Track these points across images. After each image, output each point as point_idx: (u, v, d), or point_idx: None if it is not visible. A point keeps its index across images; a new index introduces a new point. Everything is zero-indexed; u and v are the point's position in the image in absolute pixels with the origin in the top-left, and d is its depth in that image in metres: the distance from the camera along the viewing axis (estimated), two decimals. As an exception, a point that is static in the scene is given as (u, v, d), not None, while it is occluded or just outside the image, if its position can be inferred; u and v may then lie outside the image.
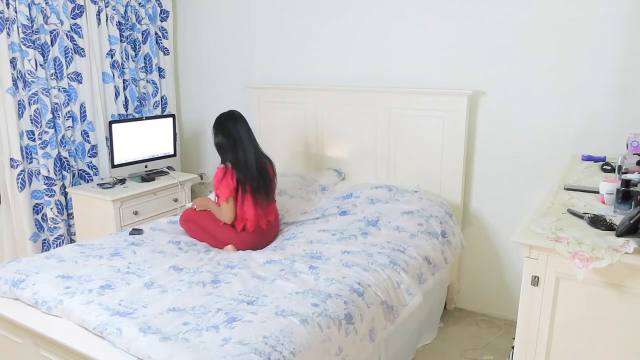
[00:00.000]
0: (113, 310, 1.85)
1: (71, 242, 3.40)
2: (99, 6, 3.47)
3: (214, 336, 1.69)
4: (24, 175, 3.21)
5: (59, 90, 3.34)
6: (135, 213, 3.32)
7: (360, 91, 3.21)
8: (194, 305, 1.90)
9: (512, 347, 1.73)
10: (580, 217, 1.65)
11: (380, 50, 3.17)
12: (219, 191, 2.61)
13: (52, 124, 3.27)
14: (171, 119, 3.69)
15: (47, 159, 3.26)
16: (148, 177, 3.48)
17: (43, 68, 3.21)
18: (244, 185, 2.60)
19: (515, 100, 2.81)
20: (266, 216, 2.69)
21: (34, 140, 3.23)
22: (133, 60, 3.78)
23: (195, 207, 2.80)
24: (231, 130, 2.65)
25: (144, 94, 3.90)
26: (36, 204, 3.32)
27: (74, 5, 3.34)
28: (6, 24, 3.00)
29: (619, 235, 1.45)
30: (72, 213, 3.44)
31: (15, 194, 3.20)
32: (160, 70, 3.97)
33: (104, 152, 3.58)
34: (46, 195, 3.29)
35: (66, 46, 3.33)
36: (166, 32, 3.93)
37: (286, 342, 1.69)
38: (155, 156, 3.61)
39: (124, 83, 3.73)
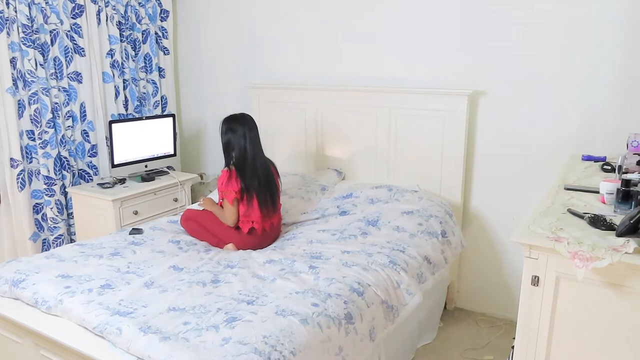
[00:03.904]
0: (113, 310, 1.85)
1: (71, 242, 3.39)
2: (99, 6, 3.47)
3: (214, 336, 1.69)
4: (24, 175, 3.21)
5: (59, 90, 3.34)
6: (135, 213, 3.32)
7: (360, 91, 3.21)
8: (194, 305, 1.90)
9: (512, 347, 1.73)
10: (580, 217, 1.65)
11: (380, 50, 3.17)
12: (225, 194, 2.60)
13: (52, 123, 3.27)
14: (171, 118, 3.69)
15: (47, 159, 3.26)
16: (148, 177, 3.48)
17: (43, 68, 3.21)
18: (249, 190, 2.60)
19: (515, 100, 2.81)
20: (271, 219, 2.69)
21: (34, 140, 3.23)
22: (133, 60, 3.78)
23: (201, 201, 2.80)
24: (243, 136, 2.61)
25: (144, 93, 3.90)
26: (36, 203, 3.32)
27: (74, 5, 3.34)
28: (6, 23, 3.00)
29: (619, 235, 1.45)
30: (72, 213, 3.44)
31: (15, 193, 3.20)
32: (160, 70, 3.97)
33: (104, 151, 3.58)
34: (46, 195, 3.29)
35: (66, 46, 3.33)
36: (166, 32, 3.93)
37: (286, 341, 1.69)
38: (155, 156, 3.61)
39: (124, 83, 3.73)
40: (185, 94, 4.19)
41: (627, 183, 1.67)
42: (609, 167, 2.26)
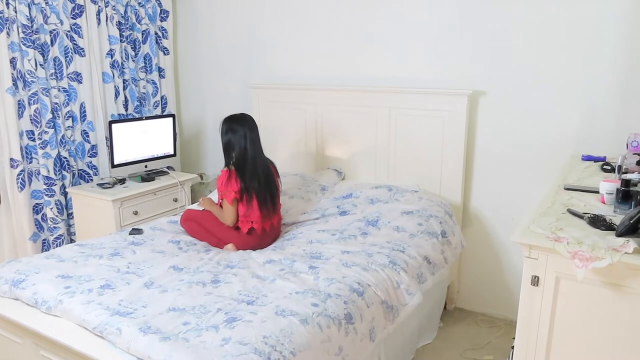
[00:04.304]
0: (113, 310, 1.85)
1: (71, 242, 3.40)
2: (99, 6, 3.47)
3: (214, 336, 1.69)
4: (23, 175, 3.21)
5: (59, 90, 3.34)
6: (135, 213, 3.32)
7: (360, 91, 3.21)
8: (194, 305, 1.90)
9: (512, 347, 1.73)
10: (580, 217, 1.65)
11: (380, 50, 3.17)
12: (225, 194, 2.60)
13: (52, 123, 3.27)
14: (171, 118, 3.69)
15: (47, 159, 3.26)
16: (148, 177, 3.48)
17: (43, 68, 3.21)
18: (249, 191, 2.60)
19: (515, 100, 2.81)
20: (270, 219, 2.69)
21: (33, 140, 3.23)
22: (133, 60, 3.78)
23: (201, 201, 2.80)
24: (244, 136, 2.61)
25: (144, 93, 3.90)
26: (36, 203, 3.32)
27: (73, 5, 3.34)
28: (6, 23, 3.00)
29: (618, 235, 1.45)
30: (72, 213, 3.44)
31: (15, 193, 3.19)
32: (160, 70, 3.97)
33: (103, 152, 3.58)
34: (46, 195, 3.29)
35: (66, 46, 3.33)
36: (166, 32, 3.93)
37: (286, 342, 1.69)
38: (155, 156, 3.61)
39: (123, 83, 3.73)
40: (185, 94, 4.19)
41: (626, 183, 1.67)
42: (609, 167, 2.26)
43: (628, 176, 1.72)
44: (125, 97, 3.77)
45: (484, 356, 2.70)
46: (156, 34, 3.90)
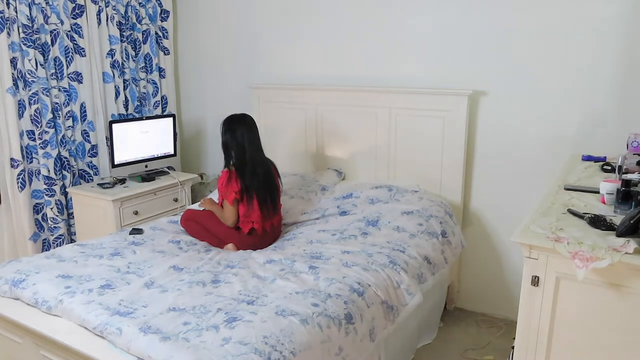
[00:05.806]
0: (113, 310, 1.85)
1: (71, 242, 3.39)
2: (100, 6, 3.47)
3: (214, 336, 1.69)
4: (24, 175, 3.21)
5: (59, 90, 3.34)
6: (136, 213, 3.32)
7: (360, 91, 3.21)
8: (194, 305, 1.91)
9: (512, 347, 1.73)
10: (581, 217, 1.65)
11: (380, 50, 3.17)
12: (225, 195, 2.60)
13: (53, 123, 3.27)
14: (171, 118, 3.69)
15: (48, 159, 3.26)
16: (148, 177, 3.48)
17: (43, 68, 3.21)
18: (249, 191, 2.60)
19: (515, 100, 2.81)
20: (271, 220, 2.69)
21: (34, 140, 3.23)
22: (133, 60, 3.78)
23: (202, 202, 2.81)
24: (242, 136, 2.62)
25: (144, 93, 3.91)
26: (36, 203, 3.32)
27: (74, 5, 3.34)
28: (6, 23, 3.00)
29: (619, 235, 1.45)
30: (72, 213, 3.44)
31: (16, 193, 3.20)
32: (160, 70, 3.97)
33: (104, 151, 3.58)
34: (46, 195, 3.29)
35: (66, 46, 3.33)
36: (166, 32, 3.93)
37: (286, 342, 1.69)
38: (155, 156, 3.61)
39: (124, 83, 3.73)
40: (186, 94, 4.19)
41: (627, 183, 1.67)
42: (609, 167, 2.26)
43: (628, 176, 1.72)
44: (126, 97, 3.77)
45: (484, 356, 2.70)
46: (156, 34, 3.90)
